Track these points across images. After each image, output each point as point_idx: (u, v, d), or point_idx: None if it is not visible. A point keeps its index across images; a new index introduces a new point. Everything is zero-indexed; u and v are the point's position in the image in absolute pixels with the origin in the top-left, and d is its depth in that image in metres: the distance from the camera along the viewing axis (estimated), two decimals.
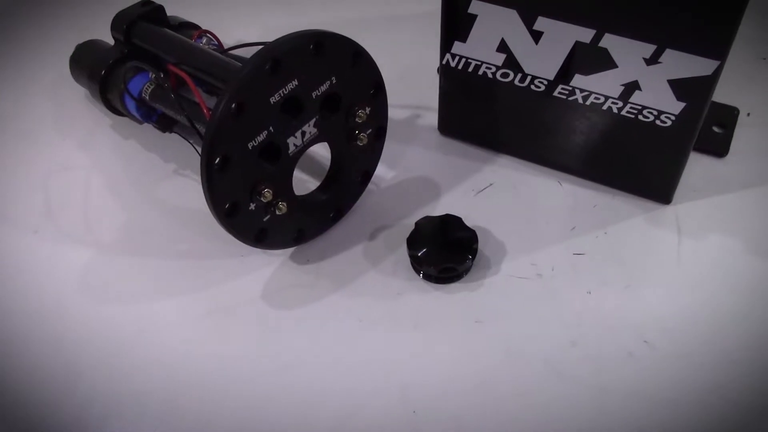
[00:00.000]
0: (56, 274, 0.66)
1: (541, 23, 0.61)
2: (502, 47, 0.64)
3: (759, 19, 0.82)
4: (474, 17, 0.63)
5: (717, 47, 0.56)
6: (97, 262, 0.67)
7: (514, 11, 0.61)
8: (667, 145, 0.64)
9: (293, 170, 0.61)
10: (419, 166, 0.73)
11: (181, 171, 0.74)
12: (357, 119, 0.63)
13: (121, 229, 0.69)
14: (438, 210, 0.69)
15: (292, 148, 0.60)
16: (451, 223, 0.64)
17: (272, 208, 0.60)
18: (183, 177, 0.74)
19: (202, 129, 0.64)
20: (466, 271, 0.64)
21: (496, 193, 0.71)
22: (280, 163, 0.59)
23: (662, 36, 0.57)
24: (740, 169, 0.71)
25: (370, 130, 0.65)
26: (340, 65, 0.60)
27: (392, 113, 0.69)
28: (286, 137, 0.59)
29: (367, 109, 0.63)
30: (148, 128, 0.74)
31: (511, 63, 0.65)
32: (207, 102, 0.63)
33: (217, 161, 0.54)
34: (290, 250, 0.66)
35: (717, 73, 0.57)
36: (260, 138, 0.57)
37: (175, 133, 0.73)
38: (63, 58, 0.79)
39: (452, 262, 0.62)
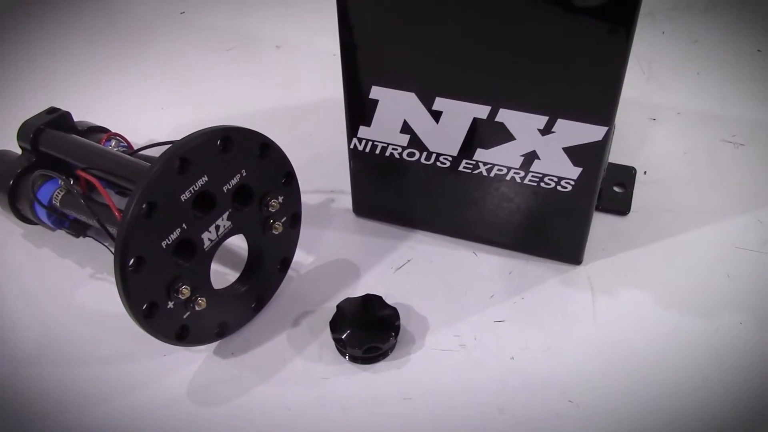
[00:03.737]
0: None
1: (440, 103, 0.64)
2: (406, 128, 0.67)
3: (642, 83, 0.88)
4: (376, 102, 0.66)
5: (603, 114, 0.59)
6: (14, 378, 0.64)
7: (413, 94, 0.64)
8: (571, 209, 0.67)
9: (210, 264, 0.61)
10: (337, 249, 0.74)
11: (97, 275, 0.73)
12: (270, 209, 0.64)
13: (38, 341, 0.67)
14: (359, 291, 0.69)
15: (207, 243, 0.60)
16: (372, 303, 0.65)
17: (191, 305, 0.59)
18: (100, 281, 0.73)
19: (114, 231, 0.64)
20: (391, 348, 0.64)
21: (415, 269, 0.72)
22: (196, 258, 0.59)
23: (552, 107, 0.61)
24: (642, 225, 0.75)
25: (284, 218, 0.66)
26: (249, 158, 0.61)
27: (306, 198, 0.70)
28: (201, 233, 0.59)
29: (280, 198, 0.64)
30: (62, 234, 0.74)
31: (416, 143, 0.68)
32: (119, 204, 0.63)
33: (131, 262, 0.54)
34: (214, 344, 0.66)
35: (607, 137, 0.61)
36: (174, 236, 0.57)
37: (90, 237, 0.72)
38: None
39: (376, 342, 0.63)
